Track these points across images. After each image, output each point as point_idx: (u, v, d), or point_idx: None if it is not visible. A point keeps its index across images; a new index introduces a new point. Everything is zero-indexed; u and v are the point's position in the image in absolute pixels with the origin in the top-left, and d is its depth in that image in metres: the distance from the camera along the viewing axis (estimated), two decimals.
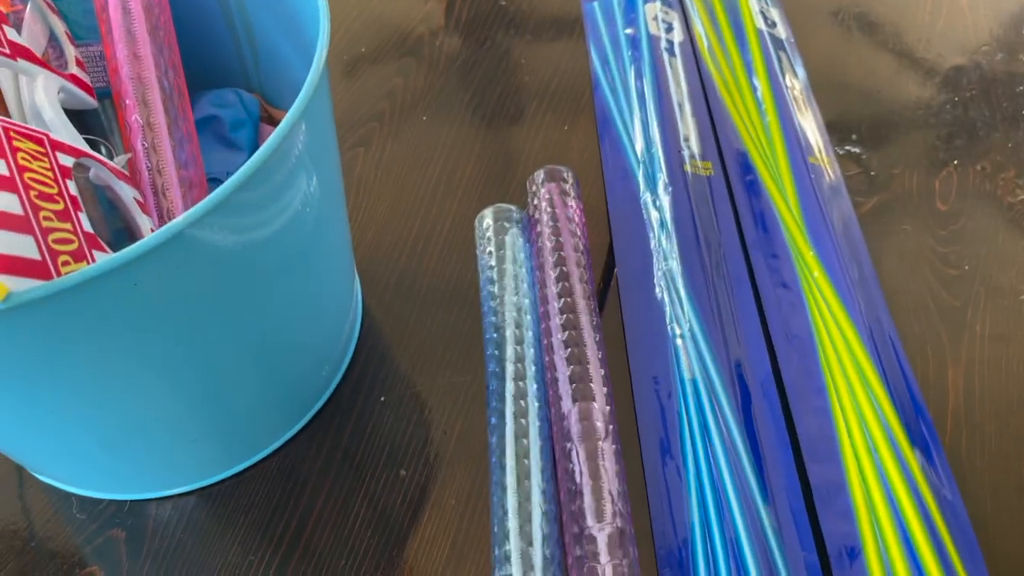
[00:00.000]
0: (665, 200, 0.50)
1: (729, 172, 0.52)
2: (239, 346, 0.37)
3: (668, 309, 0.45)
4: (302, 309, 0.40)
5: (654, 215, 0.49)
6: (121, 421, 0.36)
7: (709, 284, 0.46)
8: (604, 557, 0.36)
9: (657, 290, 0.46)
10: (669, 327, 0.45)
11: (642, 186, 0.51)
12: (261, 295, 0.36)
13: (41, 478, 0.43)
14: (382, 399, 0.45)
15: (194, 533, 0.41)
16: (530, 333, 0.44)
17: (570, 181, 0.50)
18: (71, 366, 0.32)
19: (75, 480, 0.42)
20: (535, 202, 0.50)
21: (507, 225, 0.48)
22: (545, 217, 0.48)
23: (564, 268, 0.45)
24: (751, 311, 0.45)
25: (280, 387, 0.42)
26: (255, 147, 0.44)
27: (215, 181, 0.43)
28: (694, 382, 0.43)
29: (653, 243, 0.48)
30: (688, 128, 0.54)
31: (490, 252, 0.48)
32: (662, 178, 0.51)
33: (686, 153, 0.52)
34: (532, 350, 0.43)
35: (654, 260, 0.47)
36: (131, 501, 0.42)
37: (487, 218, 0.49)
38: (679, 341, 0.44)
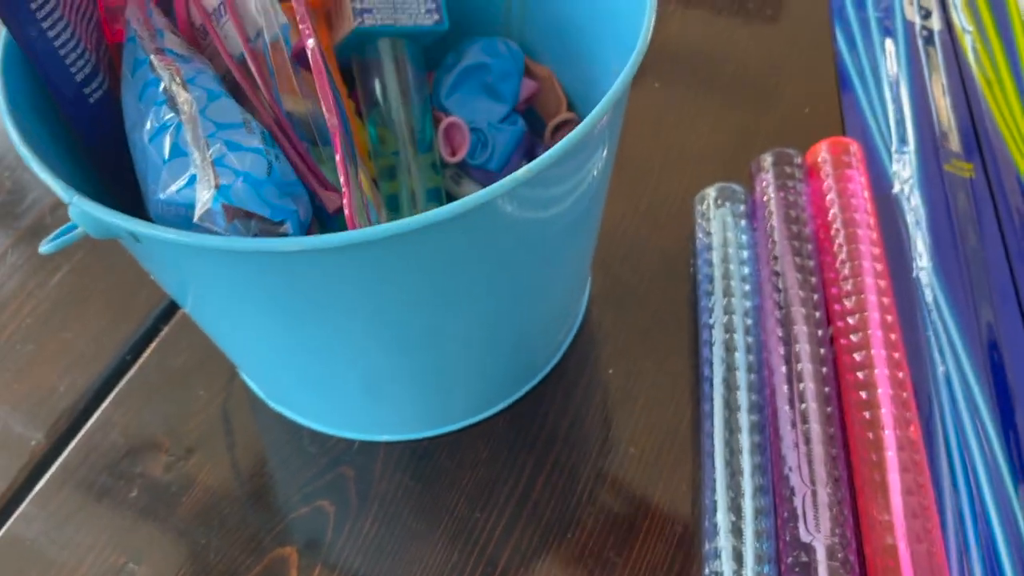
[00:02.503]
0: (919, 200, 0.47)
1: (991, 177, 0.48)
2: (505, 304, 0.36)
3: (926, 315, 0.42)
4: (559, 276, 0.39)
5: (908, 215, 0.47)
6: (387, 365, 0.36)
7: (968, 295, 0.44)
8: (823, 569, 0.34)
9: (915, 295, 0.43)
10: (926, 334, 0.42)
11: (895, 183, 0.48)
12: (540, 257, 0.35)
13: (276, 407, 0.43)
14: (610, 371, 0.44)
15: (421, 482, 0.41)
16: (744, 325, 0.42)
17: (800, 165, 0.47)
18: (368, 306, 0.31)
19: (312, 413, 0.42)
20: (760, 187, 0.47)
21: (730, 205, 0.46)
22: (773, 202, 0.45)
23: (798, 259, 0.42)
24: (1016, 325, 0.42)
25: (521, 348, 0.41)
26: (516, 100, 0.43)
27: (476, 131, 0.42)
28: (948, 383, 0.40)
29: (906, 243, 0.45)
30: (947, 125, 0.51)
31: (708, 232, 0.46)
32: (918, 176, 0.48)
33: (943, 152, 0.49)
34: (744, 340, 0.41)
35: (913, 264, 0.45)
36: (360, 442, 0.42)
37: (710, 196, 0.47)
38: (936, 352, 0.41)
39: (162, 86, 0.29)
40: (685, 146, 0.53)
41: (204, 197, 0.26)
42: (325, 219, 0.32)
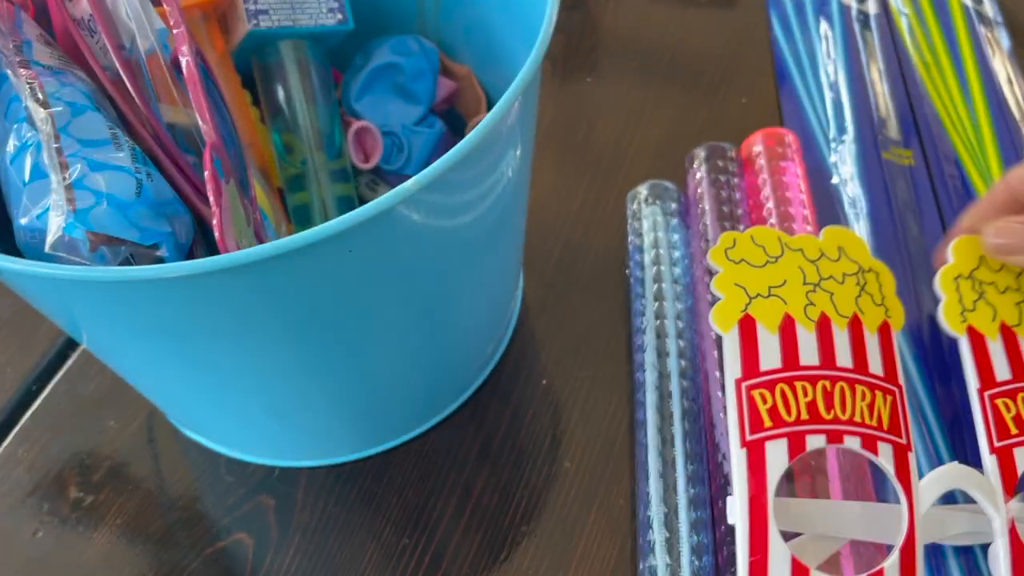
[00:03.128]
0: (859, 190, 0.46)
1: (931, 164, 0.47)
2: (418, 319, 0.34)
3: None
4: (481, 285, 0.37)
5: (848, 206, 0.45)
6: (292, 389, 0.34)
7: (909, 284, 0.42)
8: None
9: None
10: None
11: (834, 174, 0.46)
12: (451, 269, 0.33)
13: (190, 435, 0.41)
14: (544, 382, 0.42)
15: (346, 507, 0.39)
16: (676, 329, 0.40)
17: (734, 158, 0.45)
18: (259, 330, 0.29)
19: (228, 441, 0.40)
20: (692, 183, 0.45)
21: (661, 204, 0.44)
22: (706, 199, 0.44)
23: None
24: None
25: (446, 363, 0.39)
26: (432, 100, 0.41)
27: (390, 135, 0.40)
28: None
29: None
30: (886, 111, 0.49)
31: (640, 233, 0.44)
32: (857, 166, 0.46)
33: (882, 140, 0.48)
34: (677, 344, 0.39)
35: None
36: (280, 468, 0.40)
37: (641, 195, 0.45)
38: None
39: (23, 103, 0.27)
40: (620, 142, 0.51)
41: (55, 224, 0.24)
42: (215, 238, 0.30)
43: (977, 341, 0.35)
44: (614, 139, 0.52)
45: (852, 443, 0.32)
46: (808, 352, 0.34)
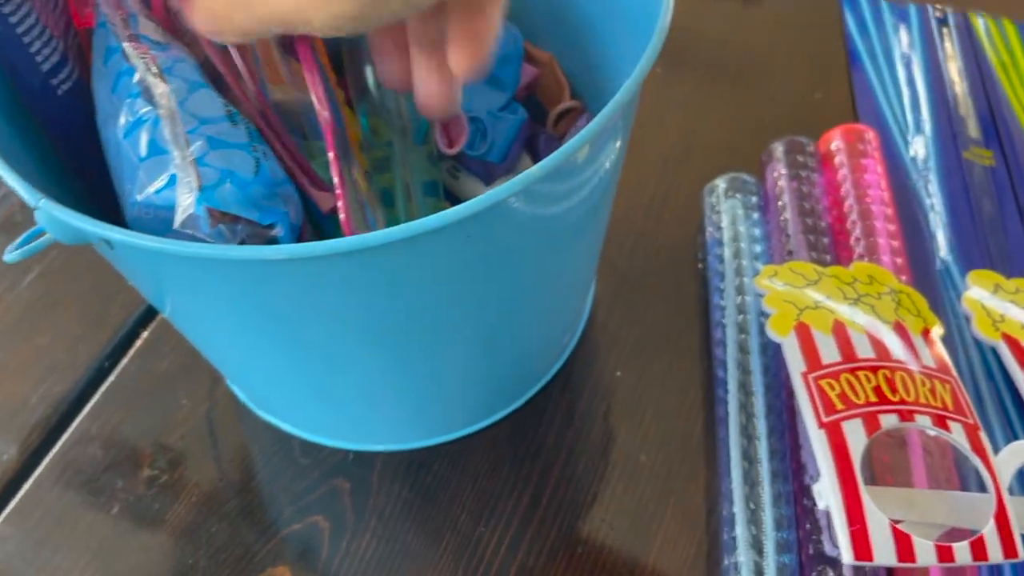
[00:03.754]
0: (938, 189, 0.45)
1: (1010, 164, 0.46)
2: (507, 308, 0.34)
3: (949, 308, 0.40)
4: (568, 272, 0.37)
5: (927, 205, 0.44)
6: (383, 373, 0.34)
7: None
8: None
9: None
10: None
11: (912, 172, 0.46)
12: (546, 257, 0.33)
13: (264, 416, 0.41)
14: (618, 374, 0.42)
15: (421, 494, 0.38)
16: (760, 324, 0.39)
17: (812, 153, 0.45)
18: (366, 313, 0.29)
19: (303, 422, 0.40)
20: (772, 176, 0.45)
21: (741, 197, 0.44)
22: (786, 194, 0.43)
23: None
24: None
25: (524, 351, 0.39)
26: (516, 86, 0.41)
27: (474, 120, 0.40)
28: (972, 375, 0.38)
29: (926, 234, 0.43)
30: (964, 111, 0.48)
31: (719, 226, 0.43)
32: (936, 163, 0.46)
33: (961, 139, 0.47)
34: (759, 339, 0.39)
35: (935, 256, 0.42)
36: (355, 452, 0.40)
37: (719, 188, 0.45)
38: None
39: (136, 76, 0.27)
40: (692, 135, 0.51)
41: (186, 200, 0.24)
42: (318, 219, 0.30)
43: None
44: (683, 134, 0.51)
45: (923, 421, 0.33)
46: (863, 348, 0.35)
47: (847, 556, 0.29)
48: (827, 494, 0.31)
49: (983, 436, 0.33)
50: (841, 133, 0.45)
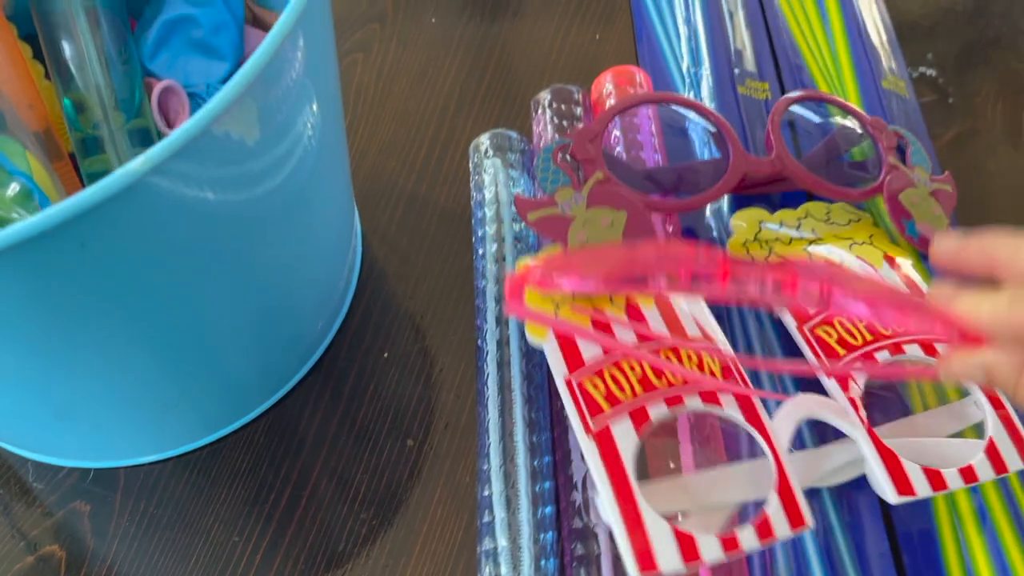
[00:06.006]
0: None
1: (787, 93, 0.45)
2: (223, 302, 0.31)
3: None
4: (297, 256, 0.34)
5: (700, 144, 0.43)
6: (79, 389, 0.30)
7: None
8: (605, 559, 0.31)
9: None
10: None
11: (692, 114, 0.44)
12: (249, 246, 0.30)
13: None
14: (385, 355, 0.39)
15: (169, 508, 0.35)
16: None
17: (580, 101, 0.42)
18: (15, 330, 0.26)
19: (31, 444, 0.36)
20: (538, 128, 0.43)
21: (504, 155, 0.41)
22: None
23: None
24: None
25: (269, 344, 0.36)
26: (240, 55, 0.37)
27: (194, 96, 0.36)
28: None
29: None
30: (741, 41, 0.47)
31: (481, 188, 0.41)
32: (713, 102, 0.44)
33: (739, 72, 0.45)
34: None
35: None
36: (95, 470, 0.36)
37: (483, 145, 0.42)
38: None
39: None
40: (466, 89, 0.48)
41: None
42: None
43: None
44: (460, 82, 0.48)
45: (693, 402, 0.31)
46: (624, 333, 0.32)
47: (632, 571, 0.27)
48: (605, 510, 0.29)
49: (757, 403, 0.31)
50: (612, 76, 0.43)
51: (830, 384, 0.32)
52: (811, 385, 0.34)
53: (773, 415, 0.31)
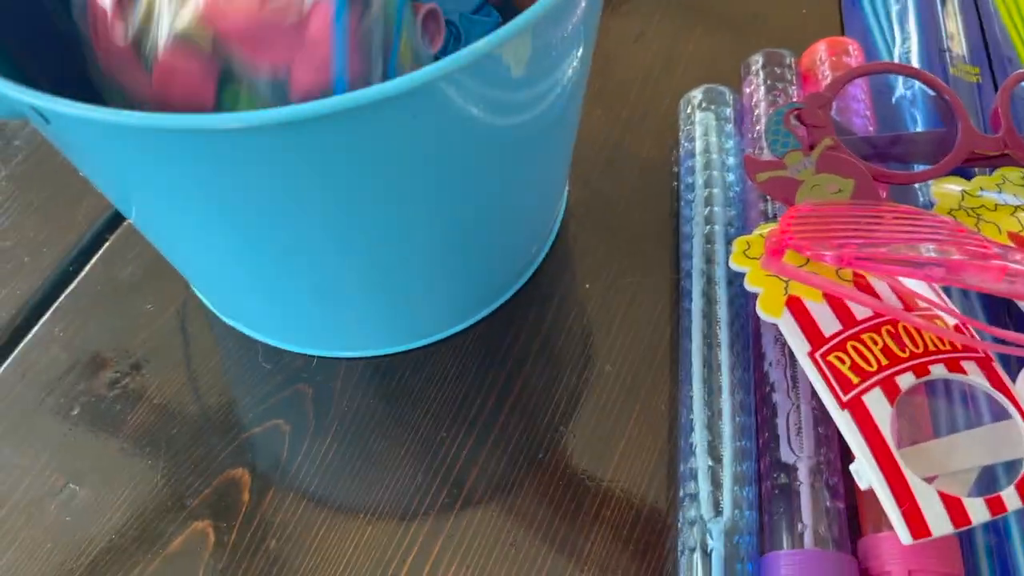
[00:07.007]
0: (922, 106, 0.44)
1: (998, 83, 0.45)
2: (463, 209, 0.33)
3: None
4: (529, 183, 0.36)
5: (910, 121, 0.43)
6: (335, 270, 0.33)
7: None
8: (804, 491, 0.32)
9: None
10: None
11: (898, 88, 0.45)
12: (499, 162, 0.32)
13: (228, 321, 0.40)
14: (587, 286, 0.41)
15: (384, 400, 0.38)
16: (727, 236, 0.39)
17: (792, 66, 0.44)
18: (301, 200, 0.28)
19: (266, 327, 0.39)
20: (749, 89, 0.44)
21: (715, 109, 0.42)
22: (762, 106, 0.42)
23: None
24: None
25: (489, 259, 0.38)
26: None
27: (449, 24, 0.39)
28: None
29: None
30: (953, 26, 0.47)
31: (692, 138, 0.42)
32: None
33: (949, 55, 0.46)
34: (726, 251, 0.38)
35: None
36: (318, 358, 0.39)
37: (695, 99, 0.44)
38: None
39: None
40: (673, 51, 0.50)
41: None
42: None
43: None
44: (667, 44, 0.50)
45: (938, 370, 0.31)
46: (859, 308, 0.33)
47: (905, 537, 0.28)
48: (867, 475, 0.30)
49: (997, 366, 0.32)
50: (825, 46, 0.44)
51: None
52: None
53: (1017, 378, 0.32)
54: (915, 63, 0.46)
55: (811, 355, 0.32)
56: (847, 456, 0.31)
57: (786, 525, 0.32)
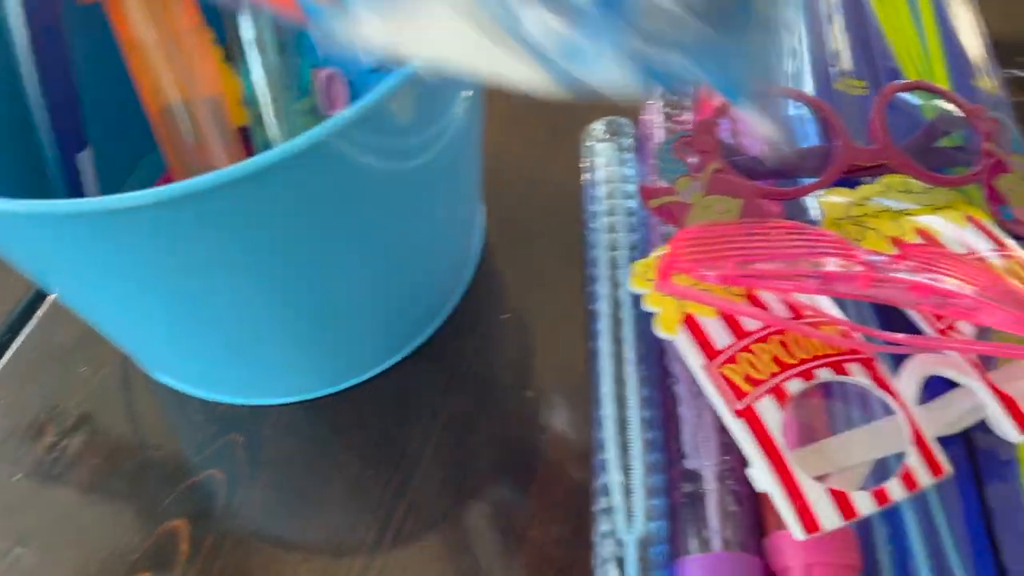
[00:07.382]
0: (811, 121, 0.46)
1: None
2: (372, 254, 0.35)
3: None
4: (436, 222, 0.38)
5: (800, 137, 0.46)
6: (251, 325, 0.35)
7: None
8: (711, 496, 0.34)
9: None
10: None
11: (791, 104, 0.47)
12: (401, 207, 0.34)
13: (161, 378, 0.42)
14: (506, 316, 0.43)
15: (314, 442, 0.40)
16: (630, 259, 0.41)
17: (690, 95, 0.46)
18: (216, 261, 0.30)
19: (196, 381, 0.41)
20: (647, 117, 0.46)
21: (616, 140, 0.45)
22: (655, 135, 0.44)
23: None
24: None
25: (407, 298, 0.40)
26: None
27: (352, 84, 0.41)
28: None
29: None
30: (838, 42, 0.50)
31: (594, 169, 0.44)
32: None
33: (835, 70, 0.48)
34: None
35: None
36: (250, 407, 0.41)
37: (596, 132, 0.46)
38: None
39: None
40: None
41: None
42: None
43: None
44: None
45: (824, 374, 0.34)
46: (750, 320, 0.35)
47: (798, 533, 0.30)
48: (761, 480, 0.32)
49: (879, 365, 0.34)
50: None
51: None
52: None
53: (897, 375, 0.34)
54: (807, 81, 0.48)
55: (705, 368, 0.34)
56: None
57: (694, 531, 0.34)
